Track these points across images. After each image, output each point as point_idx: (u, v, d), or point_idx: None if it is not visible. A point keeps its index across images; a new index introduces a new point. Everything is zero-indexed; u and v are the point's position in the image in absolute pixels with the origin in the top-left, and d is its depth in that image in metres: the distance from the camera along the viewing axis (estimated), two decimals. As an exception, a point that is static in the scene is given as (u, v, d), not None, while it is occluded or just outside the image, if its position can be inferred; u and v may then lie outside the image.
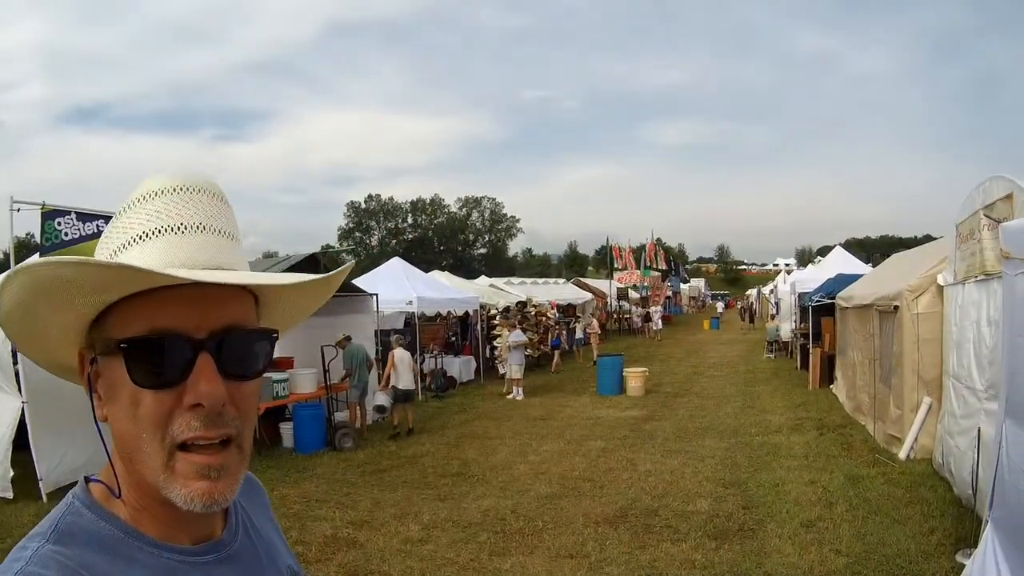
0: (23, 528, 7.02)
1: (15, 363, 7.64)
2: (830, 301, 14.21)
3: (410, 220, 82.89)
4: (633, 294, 38.23)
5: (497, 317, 17.57)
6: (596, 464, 9.24)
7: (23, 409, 7.63)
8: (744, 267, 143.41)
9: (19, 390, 7.66)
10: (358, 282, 18.68)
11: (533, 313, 19.83)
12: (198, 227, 0.78)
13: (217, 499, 0.75)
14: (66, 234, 8.02)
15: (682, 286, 59.99)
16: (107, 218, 8.37)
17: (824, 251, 30.02)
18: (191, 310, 0.74)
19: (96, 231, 8.26)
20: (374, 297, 13.53)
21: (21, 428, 7.77)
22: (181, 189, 0.79)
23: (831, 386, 14.26)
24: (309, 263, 12.09)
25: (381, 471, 9.30)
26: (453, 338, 18.80)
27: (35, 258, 0.90)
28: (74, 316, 0.77)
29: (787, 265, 75.38)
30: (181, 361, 0.74)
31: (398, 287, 16.36)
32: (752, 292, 50.47)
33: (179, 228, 0.77)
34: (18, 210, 7.81)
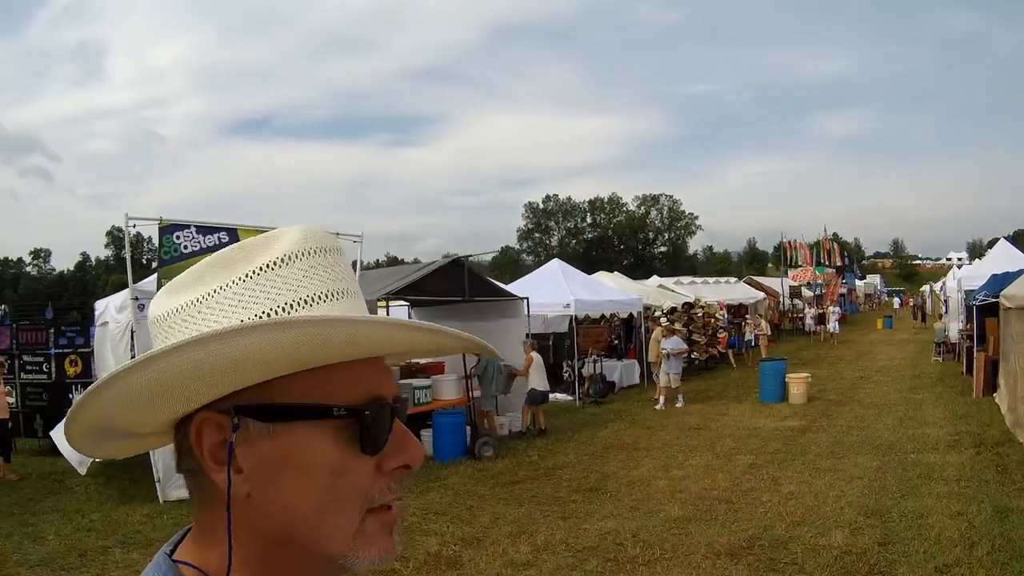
0: (130, 527, 7.37)
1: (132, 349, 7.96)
2: (994, 300, 12.35)
3: (589, 219, 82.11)
4: (807, 292, 35.40)
5: (662, 319, 16.58)
6: (739, 482, 8.24)
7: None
8: (918, 262, 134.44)
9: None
10: (515, 285, 18.64)
11: (700, 314, 18.53)
12: (356, 292, 0.74)
13: (396, 553, 0.72)
14: (185, 247, 8.18)
15: (858, 283, 56.61)
16: (228, 231, 8.54)
17: (993, 244, 25.79)
18: (385, 376, 0.73)
19: (218, 243, 8.29)
20: (524, 301, 13.14)
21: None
22: (331, 250, 0.72)
23: (994, 394, 12.59)
24: (451, 268, 11.98)
25: (514, 483, 8.87)
26: (615, 341, 18.02)
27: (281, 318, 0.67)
28: (255, 378, 0.65)
29: (959, 260, 67.92)
30: (389, 426, 0.71)
31: (556, 290, 15.96)
32: (925, 288, 45.93)
33: (347, 293, 0.71)
34: (134, 227, 8.02)
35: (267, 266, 0.68)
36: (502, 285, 14.78)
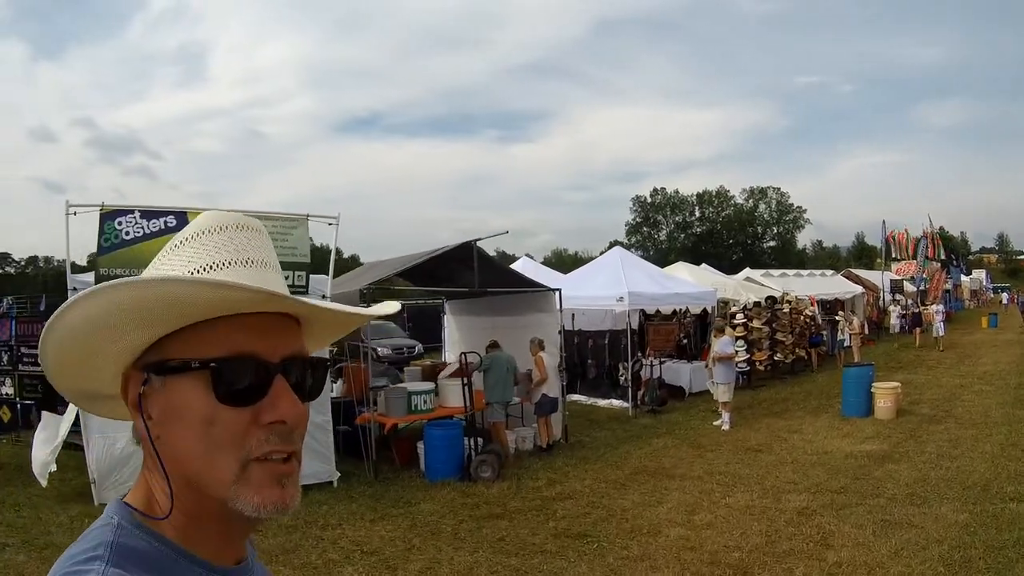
0: (43, 527, 6.18)
1: None
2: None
3: (697, 213, 78.34)
4: (909, 287, 31.21)
5: (737, 315, 14.22)
6: (776, 538, 6.16)
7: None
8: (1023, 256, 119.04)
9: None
10: (571, 276, 16.69)
11: (787, 310, 15.87)
12: (261, 262, 0.83)
13: (288, 504, 0.77)
14: (127, 233, 7.54)
15: (963, 278, 51.93)
16: (175, 214, 7.86)
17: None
18: (265, 337, 0.79)
19: (164, 227, 7.72)
20: (556, 293, 11.27)
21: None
22: (241, 227, 0.84)
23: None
24: (461, 252, 10.27)
25: (493, 517, 7.15)
26: (685, 340, 15.71)
27: (128, 278, 0.75)
28: (150, 336, 0.78)
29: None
30: (260, 382, 0.77)
31: (611, 281, 13.96)
32: (1031, 285, 40.34)
33: (246, 262, 0.82)
34: (74, 213, 7.45)
35: (174, 245, 0.83)
36: (570, 275, 12.92)
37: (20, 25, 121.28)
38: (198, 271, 0.79)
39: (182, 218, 7.68)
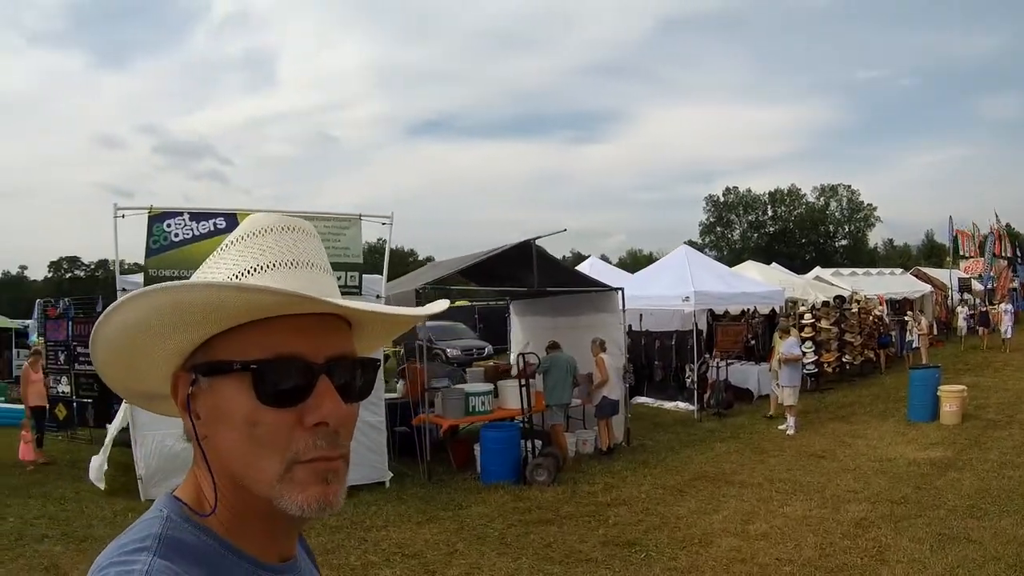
0: (85, 521, 6.52)
1: None
2: None
3: (770, 212, 75.87)
4: (976, 286, 29.10)
5: (806, 315, 13.58)
6: (831, 551, 5.82)
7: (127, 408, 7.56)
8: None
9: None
10: (638, 276, 16.38)
11: (855, 310, 15.03)
12: (308, 264, 0.83)
13: (331, 502, 0.77)
14: (176, 235, 7.69)
15: None
16: (225, 215, 7.97)
17: None
18: (308, 338, 0.78)
19: (213, 228, 7.83)
20: (619, 293, 11.02)
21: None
22: (288, 229, 0.85)
23: None
24: (520, 250, 10.14)
25: (543, 522, 7.01)
26: (752, 341, 15.10)
27: (164, 284, 0.76)
28: (194, 339, 0.79)
29: None
30: (304, 383, 0.77)
31: (677, 280, 13.59)
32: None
33: (292, 263, 0.82)
34: (123, 216, 7.64)
35: (222, 248, 0.84)
36: (639, 273, 12.70)
37: (80, 35, 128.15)
38: (243, 274, 0.80)
39: (232, 220, 7.77)
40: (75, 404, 10.95)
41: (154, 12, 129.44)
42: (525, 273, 10.25)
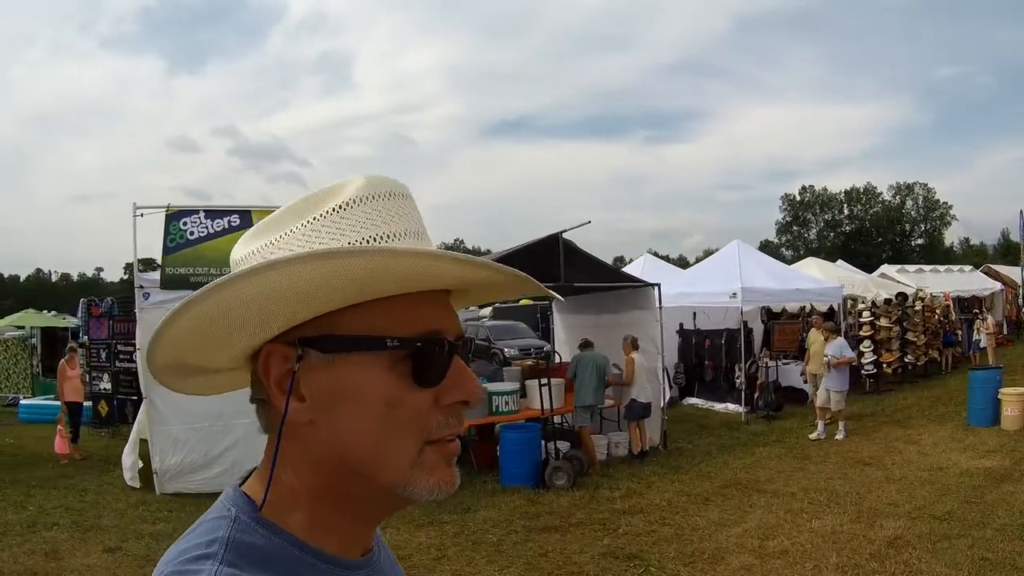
0: (95, 512, 6.76)
1: None
2: None
3: (846, 211, 73.00)
4: None
5: (864, 313, 12.68)
6: (852, 574, 5.22)
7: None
8: None
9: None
10: (690, 272, 15.77)
11: (919, 308, 13.93)
12: (426, 235, 0.76)
13: (455, 483, 0.74)
14: (192, 233, 7.79)
15: None
16: (239, 213, 8.01)
17: None
18: (447, 314, 0.76)
19: (228, 226, 7.92)
20: (655, 288, 10.55)
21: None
22: (405, 196, 0.76)
23: None
24: (547, 244, 9.80)
25: (547, 529, 6.71)
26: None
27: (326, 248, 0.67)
28: (316, 309, 0.69)
29: None
30: (446, 362, 0.73)
31: (725, 276, 12.98)
32: None
33: (417, 234, 0.74)
34: (141, 215, 7.77)
35: (333, 210, 0.71)
36: (694, 268, 12.23)
37: (155, 40, 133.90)
38: (374, 239, 0.71)
39: (246, 217, 7.82)
40: (115, 401, 11.27)
41: (231, 15, 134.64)
42: (554, 268, 9.93)
